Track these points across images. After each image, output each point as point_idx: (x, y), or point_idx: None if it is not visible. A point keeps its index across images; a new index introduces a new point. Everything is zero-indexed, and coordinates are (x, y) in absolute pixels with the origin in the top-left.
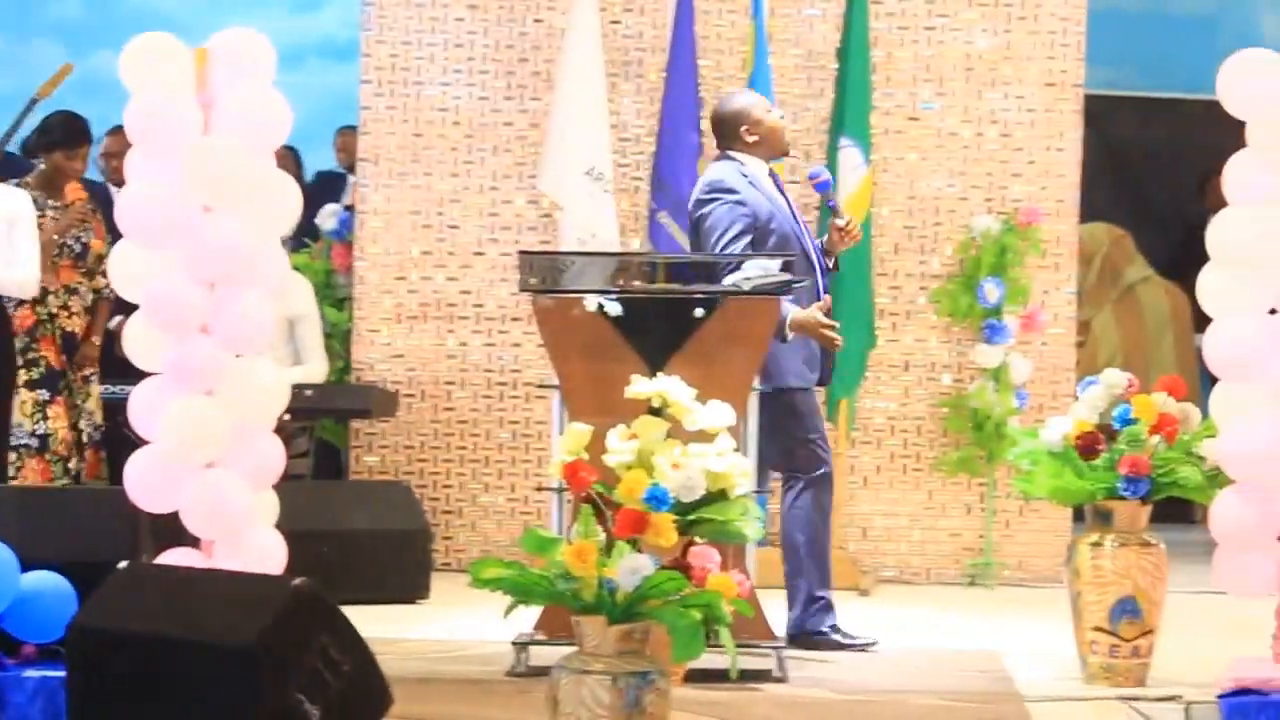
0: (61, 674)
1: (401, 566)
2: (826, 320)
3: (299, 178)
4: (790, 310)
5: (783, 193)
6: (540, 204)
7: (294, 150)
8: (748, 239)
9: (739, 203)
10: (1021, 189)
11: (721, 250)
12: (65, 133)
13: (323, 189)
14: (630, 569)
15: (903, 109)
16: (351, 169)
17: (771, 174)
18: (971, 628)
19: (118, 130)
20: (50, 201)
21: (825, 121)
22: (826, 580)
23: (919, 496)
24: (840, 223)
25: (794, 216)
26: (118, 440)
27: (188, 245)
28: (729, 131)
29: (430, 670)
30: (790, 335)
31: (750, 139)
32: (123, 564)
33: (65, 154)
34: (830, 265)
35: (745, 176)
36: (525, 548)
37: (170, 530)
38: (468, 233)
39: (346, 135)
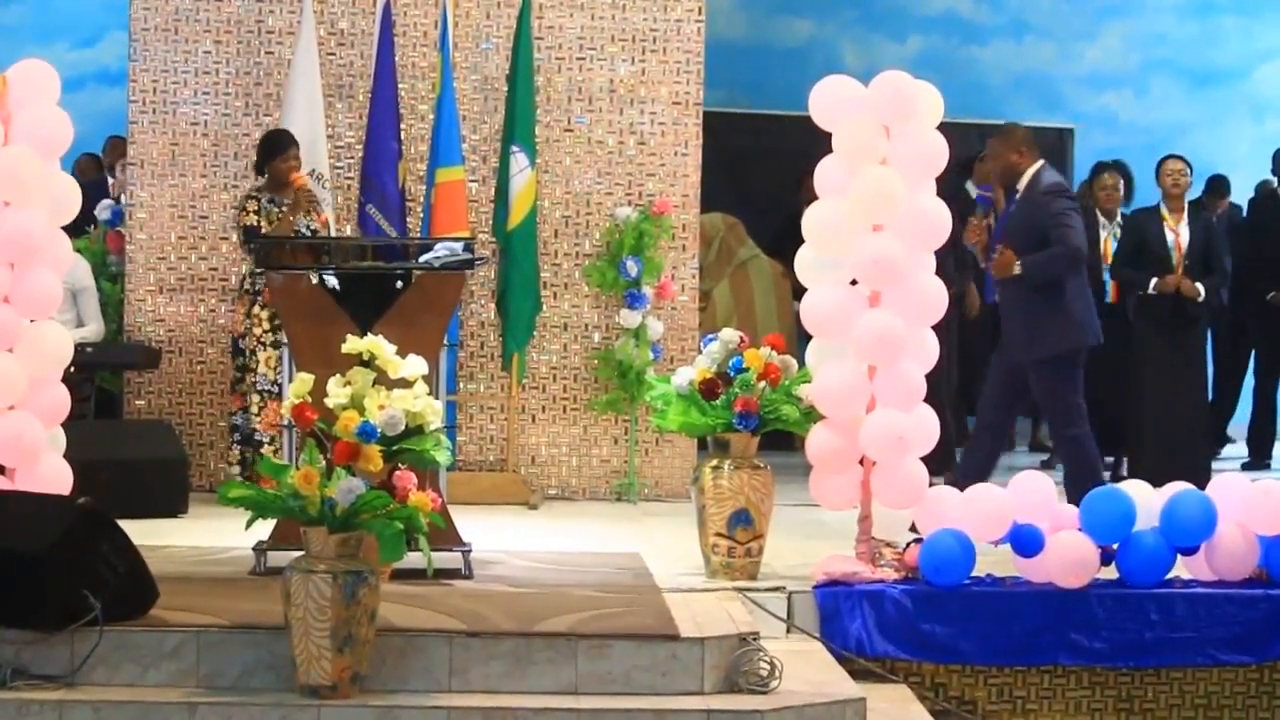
0: None
1: (165, 488)
2: None
3: (103, 178)
4: None
5: None
6: None
7: (97, 156)
8: None
9: None
10: (655, 186)
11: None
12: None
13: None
14: (346, 489)
15: (560, 123)
16: (112, 170)
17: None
18: (618, 535)
19: None
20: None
21: (499, 132)
22: None
23: (576, 430)
24: None
25: None
26: None
27: None
28: None
29: (188, 571)
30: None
31: None
32: None
33: (280, 159)
34: None
35: None
36: (262, 472)
37: None
38: (214, 221)
39: (115, 143)
